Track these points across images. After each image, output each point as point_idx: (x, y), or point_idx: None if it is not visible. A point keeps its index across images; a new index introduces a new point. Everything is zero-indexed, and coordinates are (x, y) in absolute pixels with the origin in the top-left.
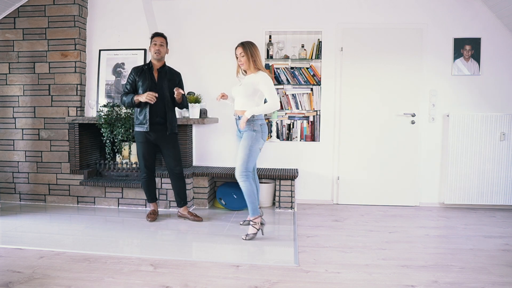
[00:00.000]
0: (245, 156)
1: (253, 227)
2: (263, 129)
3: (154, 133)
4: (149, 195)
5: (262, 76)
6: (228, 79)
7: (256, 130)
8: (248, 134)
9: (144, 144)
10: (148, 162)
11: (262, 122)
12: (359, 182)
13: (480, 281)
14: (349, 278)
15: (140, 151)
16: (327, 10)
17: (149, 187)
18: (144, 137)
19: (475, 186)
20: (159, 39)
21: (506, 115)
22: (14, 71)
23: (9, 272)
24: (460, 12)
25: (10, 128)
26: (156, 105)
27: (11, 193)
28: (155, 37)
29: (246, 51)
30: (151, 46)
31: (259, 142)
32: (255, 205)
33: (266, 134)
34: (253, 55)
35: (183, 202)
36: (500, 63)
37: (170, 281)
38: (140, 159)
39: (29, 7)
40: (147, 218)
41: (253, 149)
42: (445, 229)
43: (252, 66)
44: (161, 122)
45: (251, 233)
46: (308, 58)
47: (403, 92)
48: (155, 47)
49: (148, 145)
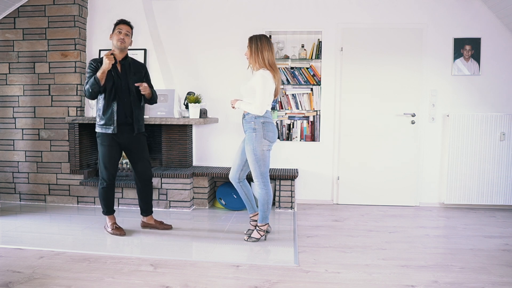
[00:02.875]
0: (254, 162)
1: (258, 233)
2: (266, 127)
3: (121, 135)
4: (109, 205)
5: (256, 76)
6: (229, 79)
7: (256, 129)
8: (248, 136)
9: (110, 148)
10: (113, 169)
11: (265, 120)
12: (359, 182)
13: (480, 281)
14: (349, 278)
15: (106, 155)
16: (327, 10)
17: (109, 197)
18: (110, 139)
19: (475, 186)
20: (125, 27)
21: (506, 115)
22: (14, 71)
23: (9, 272)
24: (460, 12)
25: (10, 128)
26: (122, 103)
27: (11, 193)
28: (121, 24)
29: (251, 45)
30: (113, 34)
31: (261, 143)
32: (266, 213)
33: (271, 134)
34: (258, 50)
35: (150, 210)
36: (500, 63)
37: (170, 281)
38: (104, 164)
39: (29, 7)
40: (115, 232)
41: (258, 152)
42: (445, 229)
43: (254, 62)
44: (128, 121)
45: (255, 237)
46: (308, 58)
47: (403, 92)
48: (119, 36)
49: (115, 149)
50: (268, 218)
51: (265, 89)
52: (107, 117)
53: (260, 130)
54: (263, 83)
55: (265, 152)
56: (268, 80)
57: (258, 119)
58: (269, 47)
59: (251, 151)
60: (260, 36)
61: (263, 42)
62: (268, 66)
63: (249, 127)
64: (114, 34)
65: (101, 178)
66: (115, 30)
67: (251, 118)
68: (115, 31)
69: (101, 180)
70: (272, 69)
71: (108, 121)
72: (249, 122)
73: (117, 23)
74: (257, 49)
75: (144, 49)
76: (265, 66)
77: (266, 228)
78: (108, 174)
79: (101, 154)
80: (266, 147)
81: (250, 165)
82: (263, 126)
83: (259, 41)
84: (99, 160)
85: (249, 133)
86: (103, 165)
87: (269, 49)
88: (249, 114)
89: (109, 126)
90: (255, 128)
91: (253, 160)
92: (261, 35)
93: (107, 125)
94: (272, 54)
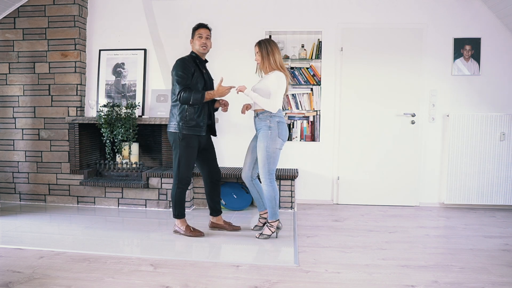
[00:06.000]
0: (264, 160)
1: (269, 229)
2: (280, 126)
3: (204, 136)
4: (184, 208)
5: (272, 76)
6: (229, 79)
7: (271, 127)
8: (263, 133)
9: (195, 150)
10: (192, 170)
11: (280, 120)
12: (359, 182)
13: (480, 281)
14: (349, 278)
15: (192, 157)
16: (327, 10)
17: (184, 198)
18: (197, 141)
19: (475, 186)
20: (204, 31)
21: (506, 115)
22: (14, 71)
23: (9, 272)
24: (460, 12)
25: (10, 128)
26: (207, 105)
27: (11, 193)
28: (200, 28)
29: (261, 49)
30: (194, 39)
31: (275, 141)
32: (274, 210)
33: (285, 133)
34: (269, 54)
35: (220, 210)
36: (500, 63)
37: (170, 281)
38: (189, 166)
39: (29, 7)
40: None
41: (270, 150)
42: (445, 229)
43: (267, 66)
44: (209, 123)
45: (266, 234)
46: (308, 58)
47: (403, 92)
48: (200, 40)
49: (197, 150)
50: (278, 215)
51: (280, 88)
52: (200, 119)
53: (275, 128)
54: (278, 83)
55: (276, 151)
56: (282, 80)
57: (274, 118)
58: (278, 49)
59: (263, 148)
60: (268, 40)
61: (272, 45)
62: (280, 68)
63: (264, 125)
64: (195, 39)
65: (180, 181)
66: (195, 35)
67: (266, 117)
68: (195, 36)
69: (179, 183)
70: (283, 70)
71: (201, 123)
72: (264, 120)
73: (196, 27)
74: (267, 53)
75: (144, 49)
76: (277, 68)
77: (277, 224)
78: (190, 176)
79: (185, 156)
80: (279, 146)
81: (259, 162)
82: (278, 125)
83: (268, 45)
84: (180, 163)
85: (264, 131)
86: (187, 166)
87: (278, 52)
88: (263, 113)
89: (202, 127)
90: (270, 126)
91: (264, 157)
92: (268, 39)
93: (199, 127)
94: (280, 56)
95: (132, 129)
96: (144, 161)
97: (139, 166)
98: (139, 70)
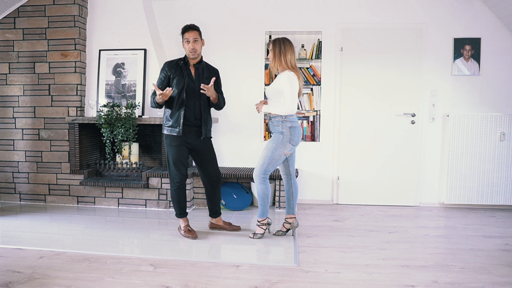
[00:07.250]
0: (266, 159)
1: (260, 228)
2: (292, 132)
3: (190, 136)
4: (182, 207)
5: (282, 77)
6: (228, 79)
7: (283, 132)
8: (274, 136)
9: (179, 148)
10: (184, 169)
11: (293, 125)
12: (359, 182)
13: (480, 281)
14: (349, 278)
15: (175, 155)
16: (327, 10)
17: (182, 198)
18: (180, 140)
19: (475, 186)
20: (192, 34)
21: (506, 115)
22: (14, 71)
23: (9, 272)
24: (460, 12)
25: (10, 128)
26: (192, 106)
27: (11, 193)
28: (186, 32)
29: (275, 48)
30: (183, 43)
31: (285, 146)
32: (265, 208)
33: (296, 138)
34: (281, 54)
35: (219, 212)
36: (500, 63)
37: (170, 281)
38: (175, 165)
39: (29, 7)
40: (186, 235)
41: (277, 152)
42: (445, 229)
43: (278, 65)
44: (197, 124)
45: (259, 233)
46: (308, 58)
47: (403, 92)
48: (188, 45)
49: (183, 149)
50: (267, 213)
51: (293, 88)
52: (174, 120)
53: (287, 134)
54: (289, 83)
55: (282, 156)
56: (293, 80)
57: (286, 124)
58: (292, 50)
59: (270, 149)
60: (284, 39)
61: (287, 45)
62: (291, 68)
63: (276, 130)
64: (184, 43)
65: (171, 179)
66: (183, 40)
67: (278, 122)
68: (183, 40)
69: (171, 182)
70: (295, 70)
71: (175, 124)
72: (277, 125)
73: (182, 31)
74: (280, 52)
75: (144, 49)
76: (288, 68)
77: (267, 221)
78: (180, 174)
79: (170, 155)
80: (288, 150)
81: (260, 158)
82: (290, 130)
83: (282, 44)
84: (168, 162)
85: (276, 135)
86: (173, 165)
87: (292, 52)
88: (276, 118)
89: (175, 128)
90: (282, 132)
91: (267, 157)
92: (284, 38)
93: (173, 127)
94: (294, 56)
95: (132, 129)
96: (144, 161)
97: (139, 166)
98: (139, 70)
